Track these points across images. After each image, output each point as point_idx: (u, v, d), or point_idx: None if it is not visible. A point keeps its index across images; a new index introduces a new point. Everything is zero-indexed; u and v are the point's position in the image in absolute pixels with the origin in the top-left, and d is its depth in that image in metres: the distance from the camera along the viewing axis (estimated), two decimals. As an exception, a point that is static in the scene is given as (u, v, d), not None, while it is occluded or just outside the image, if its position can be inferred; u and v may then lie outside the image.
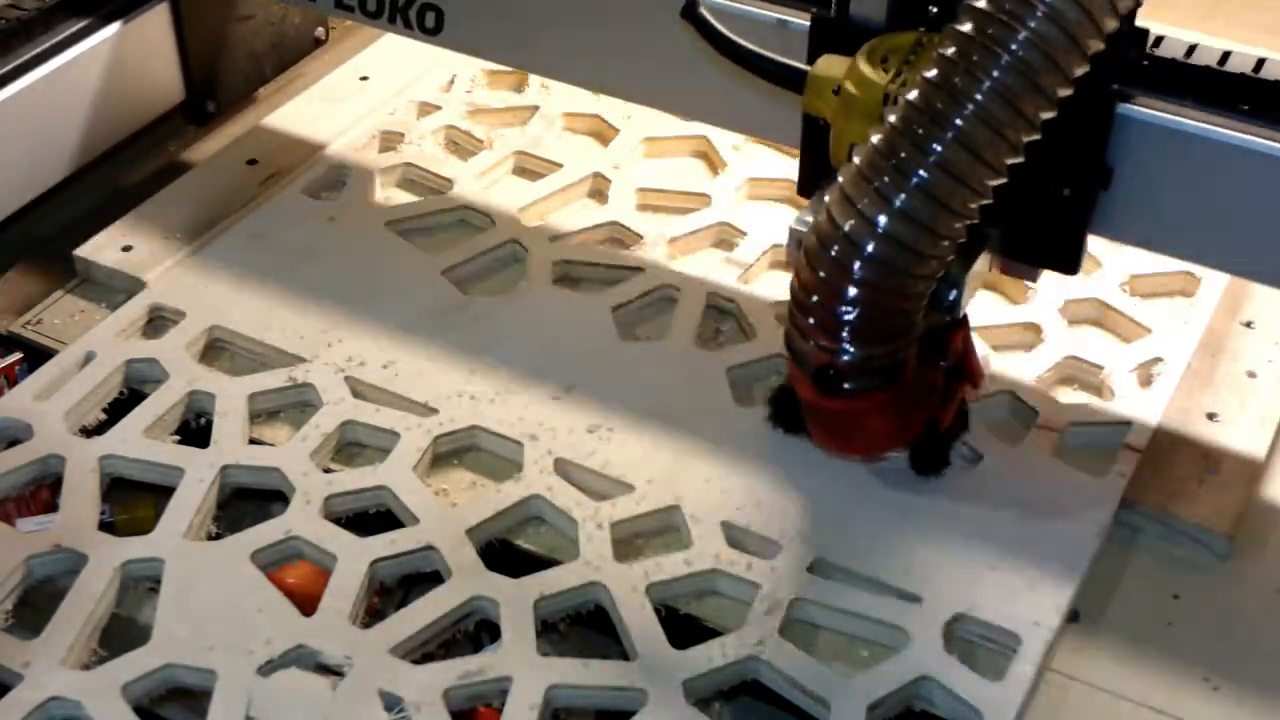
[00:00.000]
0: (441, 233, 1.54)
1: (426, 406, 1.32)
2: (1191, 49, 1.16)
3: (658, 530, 1.23)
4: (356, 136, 1.65)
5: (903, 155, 1.04)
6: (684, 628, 1.15)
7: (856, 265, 1.06)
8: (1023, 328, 1.40)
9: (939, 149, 1.03)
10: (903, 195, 1.04)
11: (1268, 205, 1.14)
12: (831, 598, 1.16)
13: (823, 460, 1.25)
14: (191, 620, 1.14)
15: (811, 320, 1.11)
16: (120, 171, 1.63)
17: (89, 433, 1.31)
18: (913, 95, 1.04)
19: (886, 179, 1.04)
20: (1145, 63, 1.14)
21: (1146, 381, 1.35)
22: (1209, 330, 1.41)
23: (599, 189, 1.59)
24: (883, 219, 1.05)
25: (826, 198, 1.09)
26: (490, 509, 1.23)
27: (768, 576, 1.17)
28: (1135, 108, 1.15)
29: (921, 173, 1.04)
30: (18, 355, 1.40)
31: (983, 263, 1.18)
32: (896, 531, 1.21)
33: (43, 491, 1.28)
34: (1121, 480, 1.26)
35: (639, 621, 1.14)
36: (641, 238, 1.51)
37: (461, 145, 1.65)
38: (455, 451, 1.30)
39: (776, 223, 1.53)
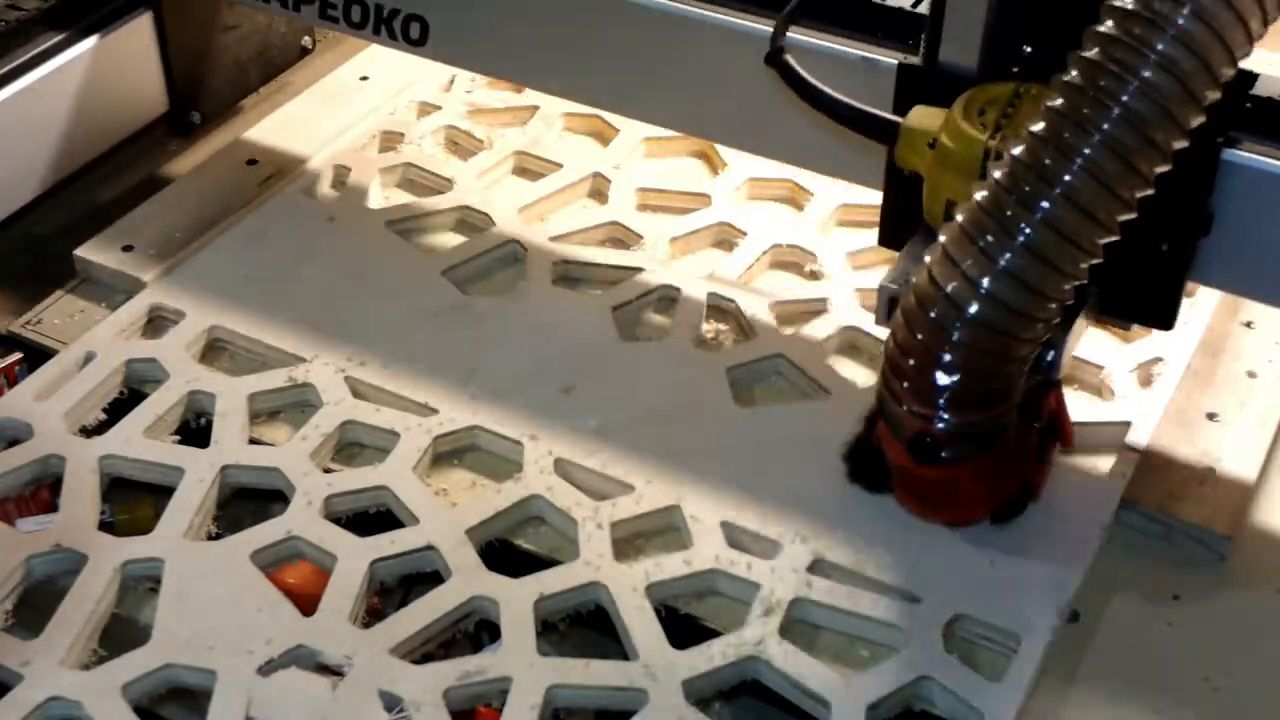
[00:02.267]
0: (441, 233, 1.54)
1: (426, 406, 1.32)
2: None
3: (658, 530, 1.23)
4: (356, 136, 1.65)
5: (1008, 213, 0.99)
6: (684, 628, 1.15)
7: (958, 328, 1.02)
8: (1023, 328, 1.40)
9: (1047, 206, 0.98)
10: (1008, 255, 0.99)
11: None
12: (831, 598, 1.16)
13: (822, 460, 1.25)
14: (191, 620, 1.14)
15: (906, 384, 1.06)
16: (105, 185, 1.61)
17: (89, 433, 1.31)
18: (1019, 150, 0.99)
19: (991, 238, 0.99)
20: (1249, 105, 1.10)
21: (1146, 381, 1.35)
22: (1209, 330, 1.41)
23: (599, 189, 1.59)
24: (987, 280, 1.00)
25: (927, 257, 1.04)
26: (490, 509, 1.23)
27: (768, 576, 1.17)
28: (1237, 152, 1.11)
29: (1028, 231, 0.98)
30: (18, 355, 1.40)
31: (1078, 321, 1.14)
32: (896, 531, 1.21)
33: (43, 491, 1.28)
34: (1121, 480, 1.25)
35: (639, 621, 1.14)
36: (641, 238, 1.51)
37: (461, 145, 1.65)
38: (455, 451, 1.30)
39: (776, 223, 1.53)
